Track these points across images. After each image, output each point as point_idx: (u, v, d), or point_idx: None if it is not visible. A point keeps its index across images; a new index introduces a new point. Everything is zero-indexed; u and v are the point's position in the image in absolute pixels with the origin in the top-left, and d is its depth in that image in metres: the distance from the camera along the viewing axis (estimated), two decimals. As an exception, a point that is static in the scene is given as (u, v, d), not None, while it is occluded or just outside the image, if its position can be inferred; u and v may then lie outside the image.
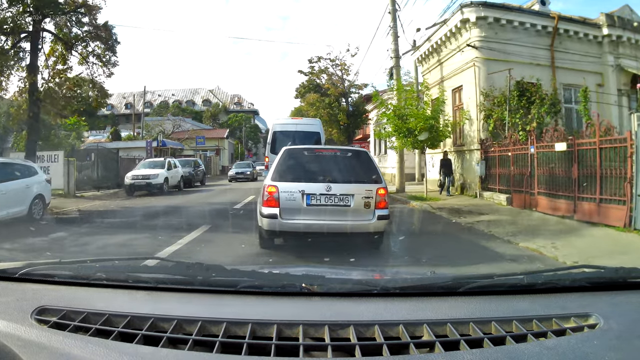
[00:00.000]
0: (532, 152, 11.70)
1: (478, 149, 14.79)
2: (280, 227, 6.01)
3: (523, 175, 12.18)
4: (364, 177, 6.29)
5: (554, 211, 10.61)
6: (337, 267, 2.80)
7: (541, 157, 11.37)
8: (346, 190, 6.02)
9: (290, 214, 6.00)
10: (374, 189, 6.08)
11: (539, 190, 11.41)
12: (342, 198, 6.01)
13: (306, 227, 5.99)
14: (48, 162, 18.22)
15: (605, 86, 16.26)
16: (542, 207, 11.18)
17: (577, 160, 9.84)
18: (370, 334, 1.16)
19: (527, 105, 13.85)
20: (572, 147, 10.02)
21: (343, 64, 34.11)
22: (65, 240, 7.90)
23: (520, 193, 12.25)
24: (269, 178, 6.27)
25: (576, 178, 9.95)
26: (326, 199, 5.99)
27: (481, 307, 1.32)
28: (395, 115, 14.79)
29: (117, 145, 32.34)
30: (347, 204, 6.02)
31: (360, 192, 6.04)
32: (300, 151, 6.72)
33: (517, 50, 15.07)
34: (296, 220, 5.99)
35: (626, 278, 1.48)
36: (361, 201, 6.03)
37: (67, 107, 16.51)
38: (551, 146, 10.87)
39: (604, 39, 16.28)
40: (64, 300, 1.34)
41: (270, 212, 5.98)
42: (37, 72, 14.35)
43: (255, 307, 1.31)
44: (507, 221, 9.86)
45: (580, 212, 9.78)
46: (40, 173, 11.40)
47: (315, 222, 5.98)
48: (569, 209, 10.16)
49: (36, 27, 14.13)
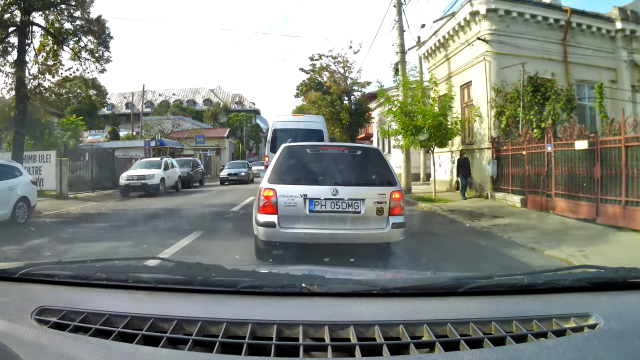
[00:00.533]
0: (549, 150, 11.03)
1: (489, 148, 14.22)
2: (279, 237, 5.37)
3: (539, 176, 11.56)
4: (376, 179, 5.66)
5: (573, 214, 10.08)
6: (337, 267, 2.83)
7: (559, 156, 10.73)
8: (356, 194, 5.38)
9: (291, 222, 5.36)
10: (387, 193, 5.43)
11: (557, 191, 10.83)
12: (351, 203, 5.35)
13: (309, 237, 5.37)
14: (40, 162, 17.65)
15: (618, 82, 15.91)
16: (560, 210, 10.54)
17: (599, 159, 9.38)
18: (370, 334, 1.17)
19: (541, 102, 13.17)
20: (594, 145, 9.52)
21: (345, 61, 33.68)
22: (42, 248, 7.40)
23: (536, 194, 11.60)
24: (265, 180, 5.63)
25: (598, 178, 9.29)
26: (332, 204, 5.34)
27: (481, 307, 1.33)
28: (402, 112, 14.06)
29: (115, 145, 31.75)
30: (356, 210, 5.37)
31: (372, 196, 5.40)
32: (302, 149, 6.01)
33: (529, 44, 14.80)
34: (297, 229, 5.34)
35: (626, 278, 1.48)
36: (373, 207, 5.38)
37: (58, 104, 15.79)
38: (570, 144, 10.19)
39: (617, 33, 16.00)
40: (64, 301, 1.35)
41: (267, 220, 5.34)
42: (25, 68, 13.61)
43: (255, 307, 1.32)
44: (526, 225, 9.28)
45: (603, 215, 9.20)
46: (25, 174, 10.77)
47: (319, 231, 5.34)
48: (590, 211, 9.58)
49: (25, 21, 13.35)
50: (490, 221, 9.96)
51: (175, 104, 69.36)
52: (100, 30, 15.53)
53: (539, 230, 8.88)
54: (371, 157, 6.02)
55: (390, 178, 5.65)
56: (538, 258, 6.68)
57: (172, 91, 76.16)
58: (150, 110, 61.70)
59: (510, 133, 14.01)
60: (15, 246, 7.66)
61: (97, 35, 15.54)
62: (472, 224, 9.71)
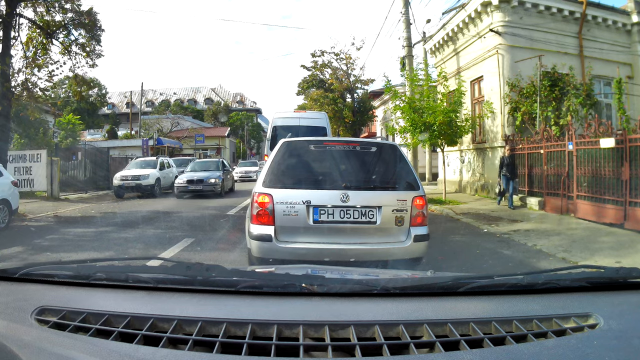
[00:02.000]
0: (571, 149, 10.22)
1: (502, 146, 13.36)
2: (276, 253, 4.44)
3: (559, 176, 10.80)
4: (394, 182, 4.85)
5: (598, 218, 9.50)
6: (337, 267, 2.40)
7: (582, 155, 9.92)
8: (370, 201, 4.51)
9: (290, 235, 4.50)
10: (409, 199, 4.55)
11: (579, 193, 10.01)
12: (365, 212, 4.48)
13: (312, 254, 4.48)
14: (30, 162, 17.06)
15: (635, 78, 15.47)
16: (582, 213, 9.86)
17: (628, 158, 8.81)
18: (371, 334, 1.18)
19: (559, 97, 12.32)
20: (622, 143, 8.88)
21: (348, 57, 32.97)
22: (11, 259, 6.46)
23: (555, 196, 10.91)
24: (260, 183, 4.69)
25: (627, 180, 8.53)
26: (342, 213, 4.46)
27: (481, 307, 1.35)
28: (410, 108, 13.26)
29: (113, 144, 31.20)
30: (371, 220, 4.50)
31: (391, 203, 4.52)
32: (304, 145, 5.03)
33: (544, 37, 14.52)
34: (298, 244, 4.48)
35: (626, 278, 1.48)
36: (391, 216, 4.51)
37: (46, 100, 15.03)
38: (595, 142, 9.35)
39: (633, 27, 15.59)
40: (64, 301, 1.36)
41: (262, 233, 4.47)
42: (10, 62, 12.81)
43: (255, 307, 1.32)
44: (549, 231, 8.66)
45: (632, 219, 8.68)
46: (5, 174, 10.00)
47: (325, 246, 4.47)
48: (617, 216, 8.97)
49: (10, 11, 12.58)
50: (509, 226, 9.46)
51: (176, 102, 69.35)
52: (91, 23, 14.85)
53: (565, 236, 8.41)
54: (388, 154, 5.02)
55: (411, 180, 4.76)
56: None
57: (173, 90, 75.98)
58: (151, 110, 61.59)
59: (525, 130, 13.52)
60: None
61: (88, 28, 14.90)
62: (490, 229, 9.14)
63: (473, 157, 16.28)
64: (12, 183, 10.41)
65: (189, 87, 78.75)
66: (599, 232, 8.67)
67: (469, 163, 16.63)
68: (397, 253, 4.54)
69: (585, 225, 9.48)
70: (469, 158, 16.69)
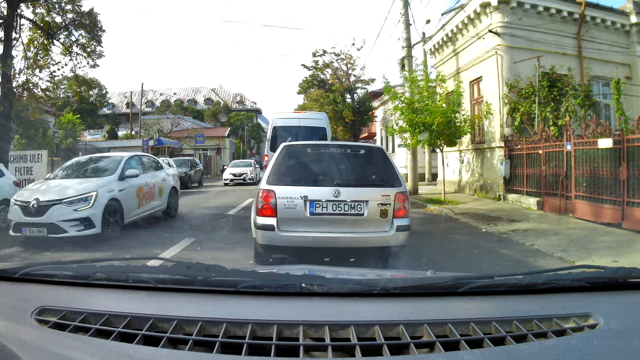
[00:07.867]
0: (569, 149, 10.28)
1: (500, 147, 13.57)
2: (278, 240, 5.23)
3: (557, 176, 10.83)
4: (379, 180, 5.54)
5: (595, 218, 9.56)
6: (337, 267, 2.62)
7: (580, 155, 9.96)
8: (358, 196, 5.26)
9: (291, 225, 5.24)
10: (392, 194, 5.31)
11: (577, 193, 10.09)
12: (354, 205, 5.22)
13: (309, 241, 5.25)
14: (31, 162, 17.07)
15: (633, 79, 15.47)
16: (580, 213, 9.89)
17: (626, 158, 8.85)
18: (371, 334, 1.18)
19: (558, 97, 12.38)
20: (620, 143, 9.00)
21: (349, 57, 33.01)
22: (11, 259, 6.61)
23: (553, 196, 10.95)
24: (264, 181, 5.47)
25: (625, 180, 8.61)
26: (334, 206, 5.20)
27: (481, 307, 1.35)
28: (409, 109, 13.32)
29: (113, 144, 31.11)
30: (359, 213, 5.23)
31: (376, 198, 5.28)
32: (302, 148, 5.87)
33: (543, 38, 14.57)
34: (297, 232, 5.24)
35: (626, 278, 1.49)
36: (377, 209, 5.26)
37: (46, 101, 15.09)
38: (593, 142, 9.41)
39: (631, 27, 15.62)
40: (64, 301, 1.37)
41: (266, 223, 5.20)
42: (11, 63, 12.86)
43: (255, 307, 1.33)
44: (547, 231, 8.72)
45: (630, 219, 8.71)
46: (7, 174, 10.11)
47: (320, 234, 5.25)
48: (615, 215, 9.03)
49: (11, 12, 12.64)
50: (507, 226, 9.49)
51: (176, 103, 69.38)
52: (92, 23, 14.91)
53: (563, 236, 8.43)
54: (375, 156, 5.87)
55: (394, 179, 5.51)
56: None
57: (173, 90, 76.09)
58: (152, 110, 61.47)
59: (524, 131, 13.60)
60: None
61: (88, 29, 14.96)
62: (489, 229, 9.17)
63: (472, 157, 16.30)
64: (14, 183, 10.47)
65: (189, 88, 78.94)
66: (596, 232, 8.70)
67: (468, 163, 16.66)
68: (382, 241, 5.30)
69: (583, 225, 9.51)
70: (468, 158, 16.72)
